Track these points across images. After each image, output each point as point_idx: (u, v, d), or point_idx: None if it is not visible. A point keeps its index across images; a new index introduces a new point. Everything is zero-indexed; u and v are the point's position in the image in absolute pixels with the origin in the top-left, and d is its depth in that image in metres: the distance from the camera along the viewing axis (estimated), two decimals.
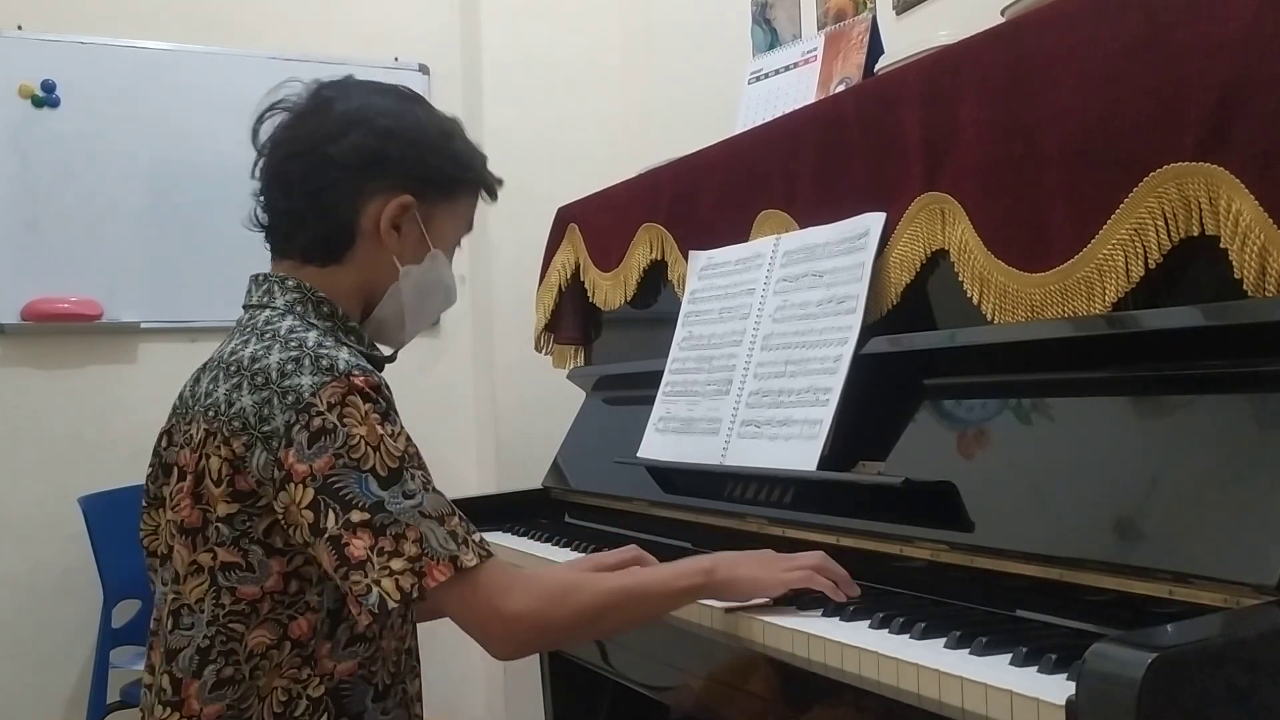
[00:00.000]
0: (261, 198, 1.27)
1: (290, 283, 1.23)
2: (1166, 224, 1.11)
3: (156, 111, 2.88)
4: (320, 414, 1.07)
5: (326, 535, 1.05)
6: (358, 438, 1.08)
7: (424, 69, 3.21)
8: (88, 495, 2.65)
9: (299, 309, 1.21)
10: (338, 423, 1.07)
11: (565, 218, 2.41)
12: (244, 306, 1.26)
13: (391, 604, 1.04)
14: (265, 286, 1.24)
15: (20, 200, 2.76)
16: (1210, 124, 1.07)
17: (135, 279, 2.86)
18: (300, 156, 1.23)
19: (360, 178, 1.22)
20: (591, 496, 2.06)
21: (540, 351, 2.49)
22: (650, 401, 1.85)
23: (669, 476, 1.82)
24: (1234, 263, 1.04)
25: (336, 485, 1.06)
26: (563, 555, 1.78)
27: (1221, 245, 1.06)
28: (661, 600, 1.24)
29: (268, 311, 1.21)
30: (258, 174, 1.27)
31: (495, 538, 2.00)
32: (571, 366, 2.44)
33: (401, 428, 1.14)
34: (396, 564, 1.05)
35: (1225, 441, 1.04)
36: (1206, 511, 1.02)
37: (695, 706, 1.40)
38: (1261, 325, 1.02)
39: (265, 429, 1.08)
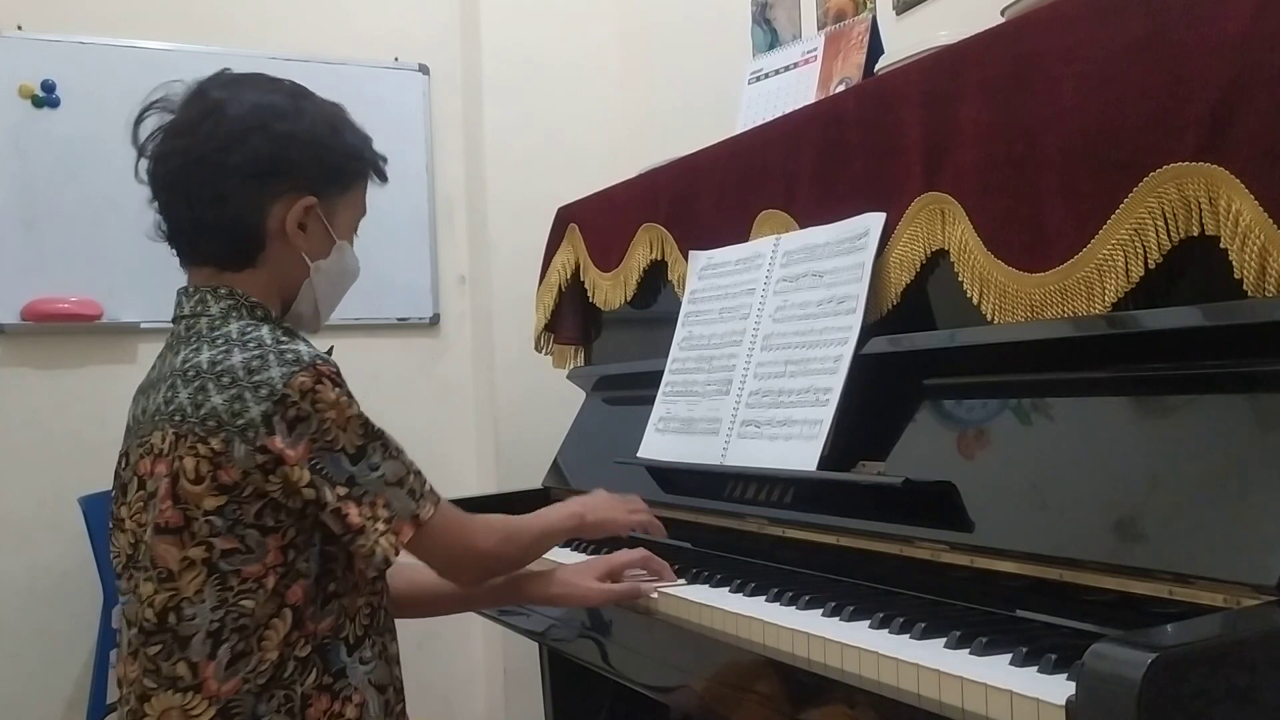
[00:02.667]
0: (157, 204, 1.27)
1: (223, 290, 1.26)
2: (1166, 224, 1.11)
3: None
4: (295, 403, 1.15)
5: (329, 508, 1.17)
6: (329, 422, 1.17)
7: (424, 69, 3.21)
8: (88, 495, 2.65)
9: (234, 315, 1.24)
10: (311, 409, 1.16)
11: (565, 218, 2.41)
12: (176, 319, 1.28)
13: (391, 558, 1.20)
14: (198, 297, 1.26)
15: (20, 200, 2.76)
16: (1210, 124, 1.07)
17: (135, 279, 2.85)
18: (200, 164, 1.23)
19: (263, 183, 1.25)
20: None
21: (540, 351, 2.49)
22: (650, 401, 1.85)
23: (669, 476, 1.82)
24: (1234, 263, 1.04)
25: (318, 465, 1.16)
26: (564, 555, 1.79)
27: (1221, 245, 1.06)
28: (555, 538, 1.47)
29: (205, 320, 1.24)
30: (146, 178, 1.27)
31: None
32: (571, 366, 2.44)
33: (358, 405, 1.22)
34: (381, 526, 1.19)
35: (1225, 441, 1.04)
36: (1206, 511, 1.02)
37: (695, 706, 1.40)
38: (1261, 325, 1.02)
39: (239, 422, 1.15)
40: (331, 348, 1.34)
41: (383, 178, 1.38)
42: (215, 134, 1.23)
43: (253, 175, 1.24)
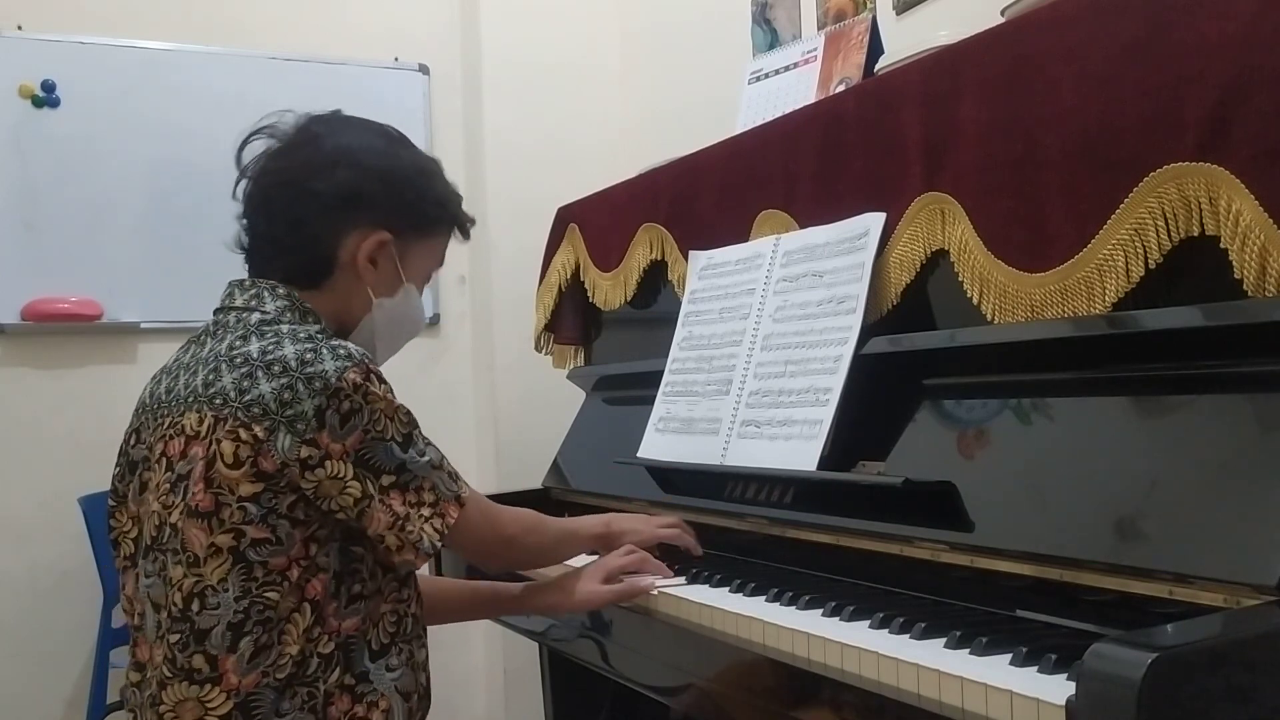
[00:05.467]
0: (244, 220, 1.34)
1: (281, 290, 1.29)
2: (1166, 224, 1.11)
3: (156, 111, 2.88)
4: (348, 396, 1.18)
5: (375, 500, 1.19)
6: (378, 413, 1.20)
7: (424, 69, 3.21)
8: (88, 495, 2.66)
9: (287, 316, 1.27)
10: (363, 402, 1.19)
11: (565, 218, 2.41)
12: (227, 308, 1.30)
13: (437, 544, 1.22)
14: (254, 291, 1.30)
15: (20, 200, 2.76)
16: (1210, 124, 1.07)
17: (135, 279, 2.86)
18: (286, 186, 1.30)
19: (342, 212, 1.30)
20: (591, 496, 2.06)
21: (540, 351, 2.49)
22: (650, 401, 1.85)
23: (669, 476, 1.82)
24: (1234, 263, 1.04)
25: (367, 456, 1.19)
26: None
27: (1221, 245, 1.06)
28: (579, 542, 1.50)
29: (258, 314, 1.27)
30: (240, 196, 1.33)
31: None
32: (571, 366, 2.44)
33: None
34: (426, 511, 1.22)
35: (1225, 441, 1.04)
36: (1206, 511, 1.02)
37: (695, 706, 1.40)
38: (1261, 325, 1.02)
39: (289, 413, 1.16)
40: None
41: (464, 234, 1.44)
42: (308, 162, 1.30)
43: (333, 203, 1.29)
